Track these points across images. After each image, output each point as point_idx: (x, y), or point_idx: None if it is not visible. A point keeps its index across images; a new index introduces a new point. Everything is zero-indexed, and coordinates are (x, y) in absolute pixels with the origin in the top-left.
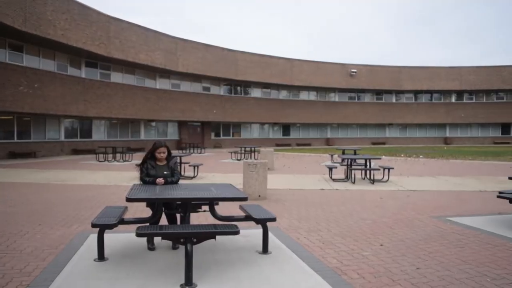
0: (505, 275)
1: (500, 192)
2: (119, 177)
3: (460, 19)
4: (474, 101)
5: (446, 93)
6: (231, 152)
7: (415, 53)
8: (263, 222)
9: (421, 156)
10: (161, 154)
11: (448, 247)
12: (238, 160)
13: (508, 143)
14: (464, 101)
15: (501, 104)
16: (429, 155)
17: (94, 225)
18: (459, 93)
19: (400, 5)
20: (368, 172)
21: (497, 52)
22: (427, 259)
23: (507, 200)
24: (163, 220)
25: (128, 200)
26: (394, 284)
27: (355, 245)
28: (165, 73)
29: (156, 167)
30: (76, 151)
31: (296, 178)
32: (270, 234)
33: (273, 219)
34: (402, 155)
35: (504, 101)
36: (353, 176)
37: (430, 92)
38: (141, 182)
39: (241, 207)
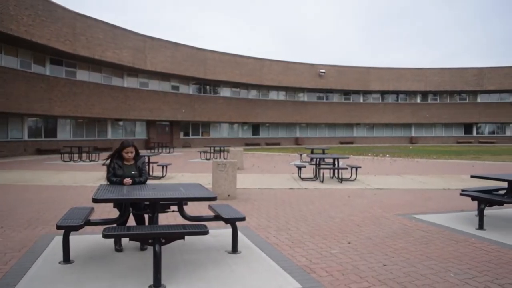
0: (467, 270)
1: (462, 190)
2: (85, 178)
3: (426, 21)
4: (438, 101)
5: (411, 93)
6: (200, 152)
7: (383, 54)
8: (232, 222)
9: (387, 155)
10: (129, 154)
11: (413, 243)
12: (207, 159)
13: (470, 142)
14: (429, 101)
15: (464, 104)
16: (395, 154)
17: (59, 227)
18: (424, 94)
19: (368, 7)
20: (336, 171)
21: (460, 54)
22: (394, 256)
23: (469, 198)
24: (131, 221)
25: (95, 200)
26: (361, 280)
27: (324, 243)
28: (133, 72)
29: (123, 167)
30: (40, 151)
31: (266, 177)
32: (239, 234)
33: (242, 219)
34: (369, 154)
35: (466, 102)
36: (321, 175)
37: (397, 92)
38: (108, 182)
39: (210, 207)
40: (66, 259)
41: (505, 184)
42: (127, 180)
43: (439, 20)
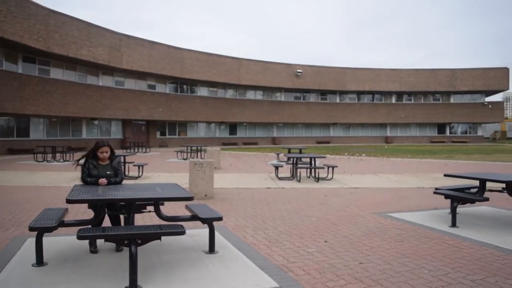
0: (441, 267)
1: (436, 189)
2: (59, 178)
3: (401, 25)
4: (413, 102)
5: (387, 94)
6: (177, 152)
7: (359, 55)
8: (209, 222)
9: (363, 155)
10: (104, 153)
11: (388, 241)
12: (184, 159)
13: (443, 142)
14: (404, 102)
15: (438, 105)
16: (371, 154)
17: (32, 228)
18: (399, 94)
19: (346, 9)
20: (313, 170)
21: (434, 56)
22: (370, 254)
23: (443, 196)
24: (106, 222)
25: (69, 201)
26: (338, 279)
27: (301, 242)
28: (109, 70)
29: (98, 167)
30: (12, 151)
31: (243, 177)
32: (216, 234)
33: (220, 219)
34: (346, 154)
35: (440, 102)
36: (298, 174)
37: (372, 93)
38: (83, 183)
39: (187, 207)
40: (40, 261)
41: (476, 183)
42: (102, 180)
43: (414, 24)
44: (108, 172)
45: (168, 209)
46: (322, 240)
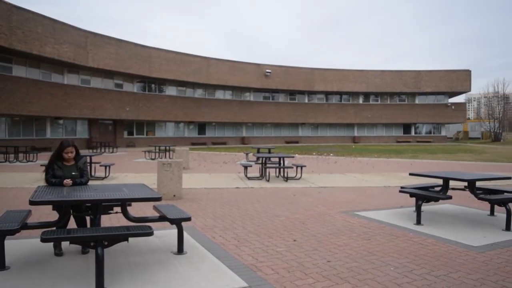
0: (406, 264)
1: (401, 187)
2: (22, 179)
3: (369, 27)
4: (379, 102)
5: (354, 94)
6: (145, 151)
7: (328, 55)
8: (177, 222)
9: (331, 154)
10: (69, 154)
11: (356, 240)
12: (152, 159)
13: (408, 141)
14: (371, 102)
15: (403, 105)
16: (339, 154)
17: None
18: (366, 95)
19: (317, 9)
20: (282, 170)
21: (398, 57)
22: (337, 252)
23: (408, 195)
24: (72, 224)
25: (32, 203)
26: (306, 277)
27: (270, 241)
28: (74, 68)
29: (63, 168)
30: None
31: (212, 177)
32: (185, 234)
33: (188, 219)
34: (314, 154)
35: (405, 103)
36: (267, 174)
37: (340, 93)
38: (47, 184)
39: (155, 208)
40: (1, 265)
41: (440, 181)
42: (67, 181)
43: (382, 26)
44: (73, 173)
45: (136, 210)
46: (290, 239)
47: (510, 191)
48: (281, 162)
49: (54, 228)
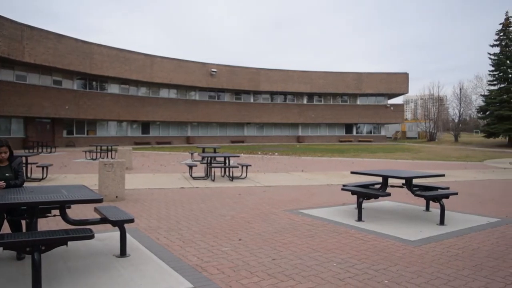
0: (348, 259)
1: (343, 185)
2: None
3: (314, 28)
4: (323, 103)
5: (298, 95)
6: (85, 151)
7: (273, 56)
8: (120, 224)
9: (276, 154)
10: (2, 154)
11: (300, 237)
12: (93, 159)
13: (350, 141)
14: (314, 102)
15: (345, 106)
16: (283, 153)
17: None
18: (310, 96)
19: (265, 10)
20: (227, 169)
21: (341, 60)
22: (282, 250)
23: (350, 192)
24: (6, 228)
25: None
26: (252, 276)
27: (215, 241)
28: (8, 63)
29: None
30: None
31: (156, 177)
32: (128, 236)
33: (131, 220)
34: (259, 153)
35: (347, 103)
36: (213, 173)
37: (285, 93)
38: None
39: (96, 209)
40: None
41: (380, 179)
42: (1, 183)
43: (326, 28)
44: (7, 175)
45: (76, 212)
46: (236, 238)
47: (444, 187)
48: (227, 161)
49: None
